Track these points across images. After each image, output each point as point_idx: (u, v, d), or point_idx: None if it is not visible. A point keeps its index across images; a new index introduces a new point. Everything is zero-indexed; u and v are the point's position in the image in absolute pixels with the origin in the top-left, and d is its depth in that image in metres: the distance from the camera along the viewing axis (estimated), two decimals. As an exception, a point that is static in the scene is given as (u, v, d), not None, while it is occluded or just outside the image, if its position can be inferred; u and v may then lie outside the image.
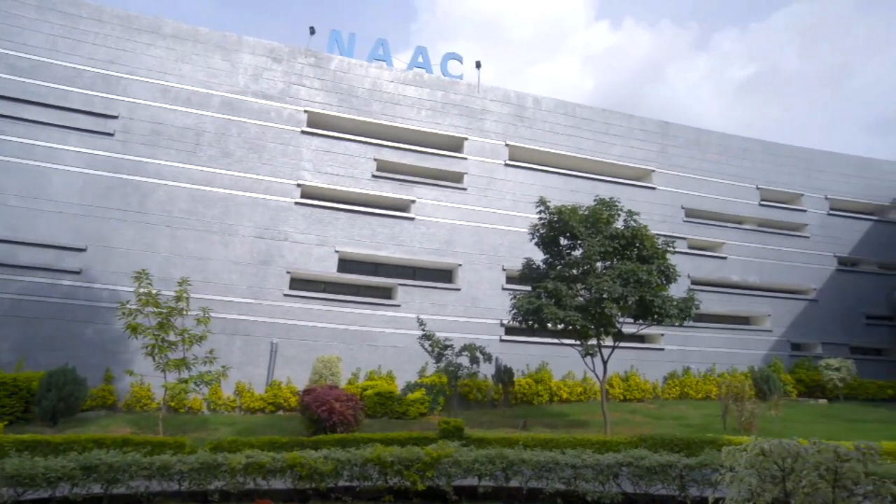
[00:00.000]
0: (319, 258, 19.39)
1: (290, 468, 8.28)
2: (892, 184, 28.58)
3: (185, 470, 8.11)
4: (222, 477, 8.18)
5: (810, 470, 6.11)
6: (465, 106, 22.87)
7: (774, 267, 25.39)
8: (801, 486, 6.08)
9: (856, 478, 6.17)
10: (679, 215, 24.52)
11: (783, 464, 6.26)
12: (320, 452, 8.54)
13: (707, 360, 22.53)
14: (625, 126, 25.15)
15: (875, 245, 27.42)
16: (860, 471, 6.16)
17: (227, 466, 8.16)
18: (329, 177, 20.24)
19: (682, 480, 8.13)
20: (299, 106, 20.57)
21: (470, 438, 10.52)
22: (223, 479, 8.18)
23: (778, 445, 6.34)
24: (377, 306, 19.48)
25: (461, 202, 21.60)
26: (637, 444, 10.31)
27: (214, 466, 8.17)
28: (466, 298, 20.52)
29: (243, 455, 8.35)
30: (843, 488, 6.22)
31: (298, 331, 18.32)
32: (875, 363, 24.98)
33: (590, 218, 14.35)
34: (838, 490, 6.19)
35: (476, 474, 8.47)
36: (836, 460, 6.13)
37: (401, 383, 18.19)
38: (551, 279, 14.14)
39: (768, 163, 26.90)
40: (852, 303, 25.90)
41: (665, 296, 13.66)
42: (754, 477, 6.23)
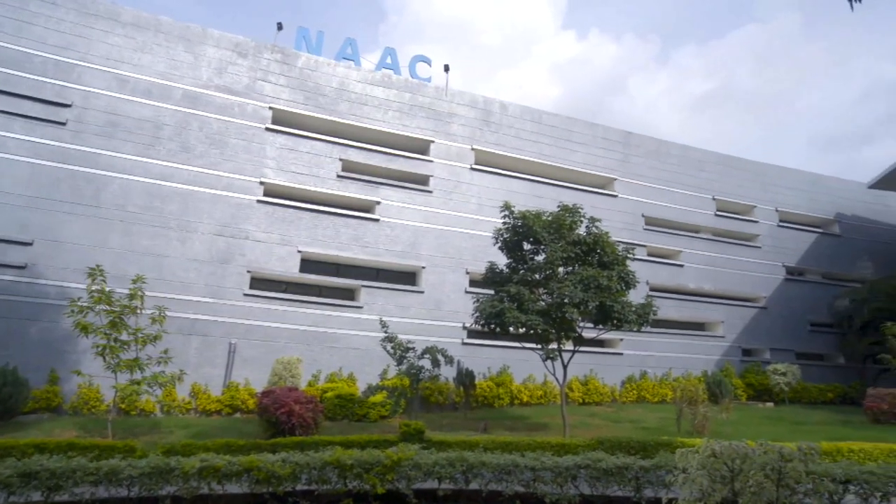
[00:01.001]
0: (281, 258, 19.06)
1: (246, 472, 8.07)
2: (836, 199, 30.12)
3: (135, 475, 7.79)
4: (175, 482, 7.90)
5: (757, 470, 6.41)
6: (432, 109, 22.90)
7: (728, 275, 26.34)
8: (748, 485, 6.36)
9: (798, 477, 6.51)
10: (639, 223, 25.17)
11: (732, 464, 6.52)
12: (278, 455, 8.37)
13: (663, 364, 23.19)
14: (588, 134, 25.67)
15: (820, 256, 28.82)
16: (802, 470, 6.51)
17: (180, 471, 7.88)
18: (293, 175, 19.92)
19: (638, 482, 8.33)
20: (264, 102, 20.19)
21: (431, 441, 10.52)
22: (176, 484, 7.91)
23: (728, 447, 6.61)
24: (339, 308, 19.27)
25: (426, 205, 21.61)
26: (595, 446, 10.51)
27: (167, 471, 7.88)
28: (430, 301, 20.53)
29: (197, 459, 8.09)
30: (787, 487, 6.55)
31: (258, 331, 17.94)
32: (818, 368, 26.21)
33: (553, 224, 14.57)
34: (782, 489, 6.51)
35: (436, 477, 8.47)
36: (781, 460, 6.46)
37: (362, 386, 18.04)
38: (514, 283, 14.30)
39: (724, 175, 27.93)
40: (798, 311, 27.12)
41: (624, 301, 13.99)
42: (705, 477, 6.47)
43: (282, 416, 12.54)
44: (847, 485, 7.55)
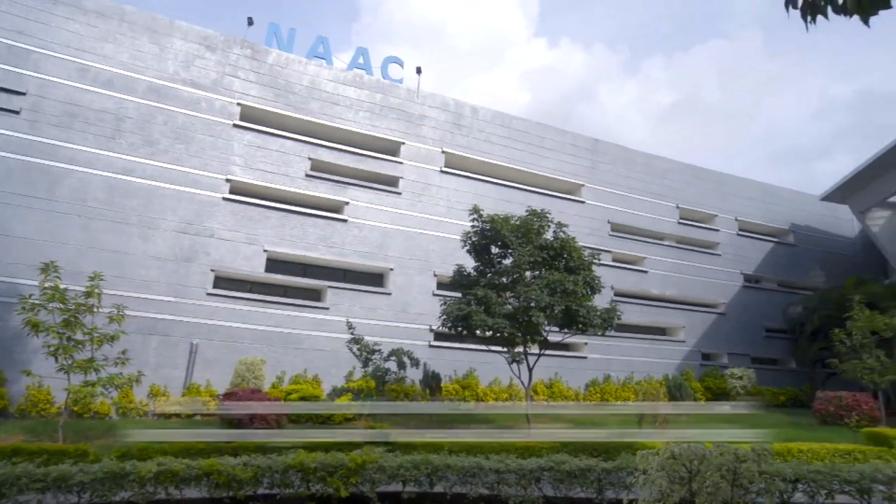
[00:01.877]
0: (247, 257, 18.71)
1: (206, 475, 7.90)
2: (791, 210, 31.36)
3: (86, 480, 7.50)
4: (130, 487, 7.67)
5: (713, 471, 6.64)
6: (403, 110, 22.88)
7: (689, 282, 27.10)
8: (705, 486, 6.58)
9: (751, 477, 6.78)
10: (605, 229, 25.67)
11: (690, 466, 6.74)
12: (240, 459, 8.22)
13: (626, 368, 23.67)
14: (558, 141, 26.06)
15: (775, 265, 29.93)
16: (755, 470, 6.79)
17: (135, 475, 7.64)
18: (261, 173, 19.60)
19: (600, 483, 8.50)
20: (232, 98, 19.81)
21: (396, 444, 10.49)
22: (131, 490, 7.67)
23: (686, 449, 6.82)
24: (305, 308, 19.04)
25: (395, 206, 21.56)
26: (559, 449, 10.65)
27: (121, 475, 7.64)
28: (397, 303, 20.47)
29: (154, 463, 7.88)
30: (741, 486, 6.81)
31: (221, 332, 17.57)
32: (772, 372, 27.19)
33: (521, 228, 14.75)
34: (736, 488, 6.76)
35: (401, 480, 8.46)
36: (736, 461, 6.71)
37: (327, 387, 17.86)
38: (481, 286, 14.40)
39: (687, 184, 28.75)
40: (754, 317, 28.09)
41: (589, 306, 14.25)
42: (664, 478, 6.66)
43: (244, 417, 12.32)
44: (796, 483, 7.92)
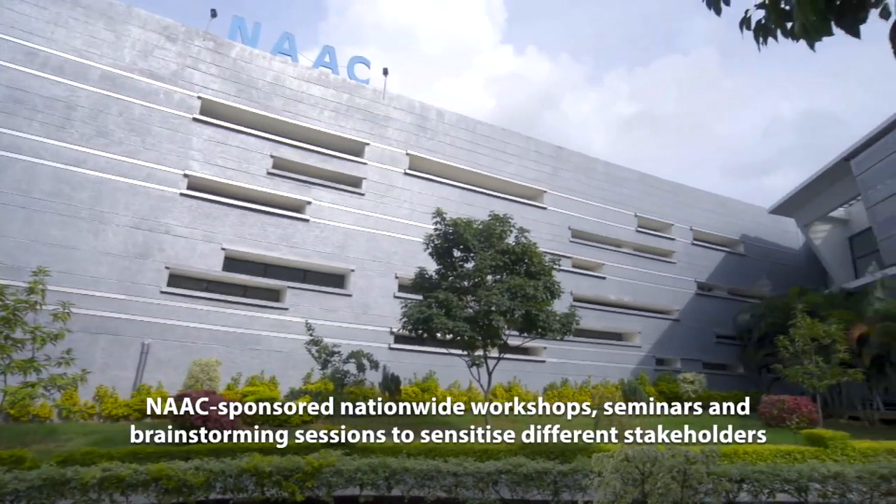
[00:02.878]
0: (204, 255, 18.20)
1: (154, 481, 7.63)
2: (742, 221, 32.69)
3: (21, 489, 7.09)
4: (71, 494, 7.31)
5: (665, 473, 6.87)
6: (368, 111, 22.75)
7: (646, 288, 27.86)
8: (656, 487, 6.81)
9: (700, 478, 7.07)
10: (566, 235, 26.14)
11: (643, 468, 6.95)
12: (191, 463, 7.98)
13: (583, 372, 24.12)
14: (521, 147, 26.41)
15: (726, 274, 31.12)
16: (704, 471, 7.07)
17: (77, 482, 7.29)
18: (221, 169, 19.12)
19: (556, 486, 8.63)
20: (193, 91, 19.26)
21: (354, 447, 10.41)
22: (72, 497, 7.32)
23: (640, 451, 7.04)
24: (264, 309, 18.65)
25: (358, 207, 21.39)
26: (516, 451, 10.78)
27: (61, 482, 7.28)
28: (357, 305, 20.30)
29: (99, 468, 7.54)
30: (690, 487, 7.08)
31: (175, 331, 17.02)
32: (721, 377, 28.22)
33: (483, 232, 14.85)
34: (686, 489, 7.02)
35: (358, 484, 8.39)
36: (686, 463, 6.97)
37: (284, 389, 17.51)
38: (443, 289, 14.43)
39: (645, 193, 29.59)
40: (706, 323, 29.12)
41: (549, 311, 14.46)
42: (618, 480, 6.85)
43: (197, 420, 11.94)
44: (741, 483, 8.28)
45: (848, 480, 8.43)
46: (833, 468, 8.60)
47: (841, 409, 24.04)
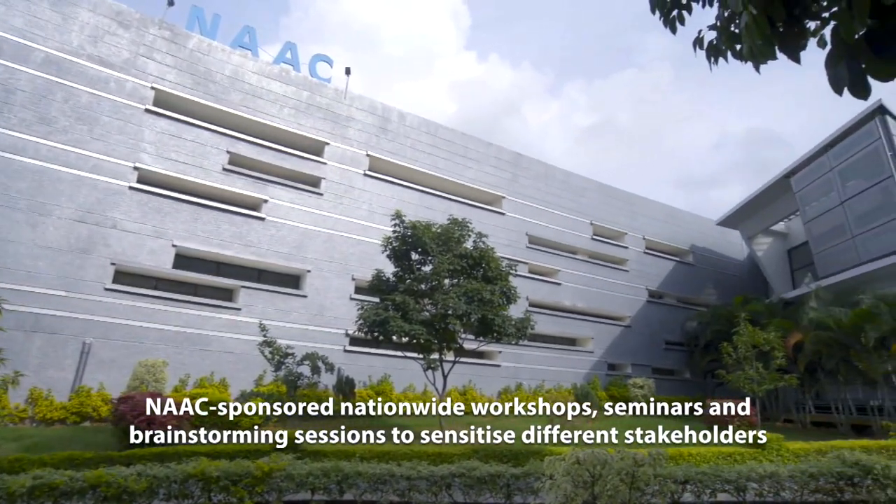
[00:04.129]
0: (153, 251, 17.52)
1: (92, 488, 7.26)
2: (691, 232, 33.99)
3: (-62, 500, 6.67)
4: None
5: (614, 475, 7.06)
6: (330, 110, 22.47)
7: (599, 295, 28.54)
8: (605, 489, 6.98)
9: (647, 480, 7.30)
10: (523, 241, 26.51)
11: (593, 470, 7.12)
12: (133, 469, 7.65)
13: (537, 376, 24.48)
14: (482, 152, 26.65)
15: (676, 282, 32.26)
16: (651, 473, 7.31)
17: (3, 491, 6.86)
18: (173, 164, 18.47)
19: (509, 489, 8.72)
20: (146, 81, 18.54)
21: (305, 451, 10.23)
22: (-1, 506, 6.92)
23: (590, 455, 7.21)
24: (216, 309, 18.11)
25: (316, 207, 21.07)
26: (470, 455, 10.84)
27: (-12, 490, 6.87)
28: (313, 306, 19.98)
29: (29, 476, 7.13)
30: (637, 489, 7.30)
31: (120, 331, 16.30)
32: (669, 382, 29.20)
33: (442, 236, 14.90)
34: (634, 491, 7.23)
35: (309, 488, 8.25)
36: (634, 465, 7.18)
37: (235, 392, 17.04)
38: (400, 292, 14.39)
39: (601, 202, 30.35)
40: (656, 330, 30.09)
41: (505, 315, 14.62)
42: (569, 483, 6.99)
43: (141, 424, 11.47)
44: (685, 484, 8.60)
45: (782, 479, 8.92)
46: (769, 468, 9.07)
47: (777, 413, 25.28)
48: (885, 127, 22.46)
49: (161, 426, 11.62)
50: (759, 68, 2.90)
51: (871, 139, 23.04)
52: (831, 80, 2.21)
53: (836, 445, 12.51)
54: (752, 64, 2.82)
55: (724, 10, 3.48)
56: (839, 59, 2.17)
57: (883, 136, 22.47)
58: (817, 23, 2.64)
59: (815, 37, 2.67)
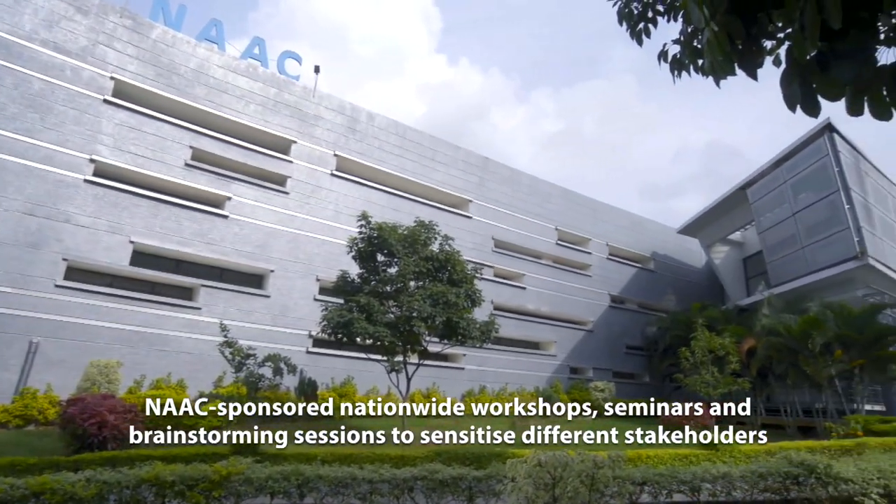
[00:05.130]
0: (109, 247, 16.89)
1: (35, 496, 6.87)
2: (653, 239, 34.88)
3: None
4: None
5: (574, 477, 7.18)
6: (297, 108, 22.16)
7: (563, 300, 28.97)
8: (566, 491, 7.09)
9: (606, 481, 7.45)
10: (489, 245, 26.69)
11: (554, 472, 7.21)
12: (81, 475, 7.31)
13: (501, 380, 24.65)
14: (450, 155, 26.74)
15: (637, 288, 33.03)
16: (610, 475, 7.46)
17: (-69, 503, 6.47)
18: (133, 157, 17.87)
19: (471, 492, 8.75)
20: (105, 71, 17.89)
21: (266, 454, 10.04)
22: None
23: (552, 457, 7.30)
24: (175, 308, 17.58)
25: (282, 206, 20.74)
26: (433, 458, 10.82)
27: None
28: (276, 306, 19.63)
29: (-36, 484, 6.74)
30: (597, 491, 7.44)
31: (71, 329, 15.63)
32: (629, 385, 29.83)
33: (408, 238, 14.87)
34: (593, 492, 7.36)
35: (269, 492, 8.09)
36: (594, 468, 7.32)
37: (193, 393, 16.56)
38: (365, 294, 14.30)
39: (566, 208, 30.84)
40: (617, 335, 30.73)
41: (469, 318, 14.69)
42: (530, 485, 7.07)
43: (91, 427, 11.02)
44: (643, 486, 8.82)
45: (734, 480, 9.25)
46: (722, 469, 9.39)
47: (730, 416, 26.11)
48: (833, 144, 23.63)
49: (113, 429, 11.21)
50: (720, 83, 3.02)
51: (820, 155, 24.18)
52: (785, 97, 2.32)
53: (784, 446, 13.03)
54: (713, 79, 2.93)
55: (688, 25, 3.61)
56: (793, 77, 2.28)
57: (831, 152, 23.63)
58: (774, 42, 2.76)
59: (772, 55, 2.80)
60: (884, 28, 2.27)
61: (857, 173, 24.22)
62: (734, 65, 2.57)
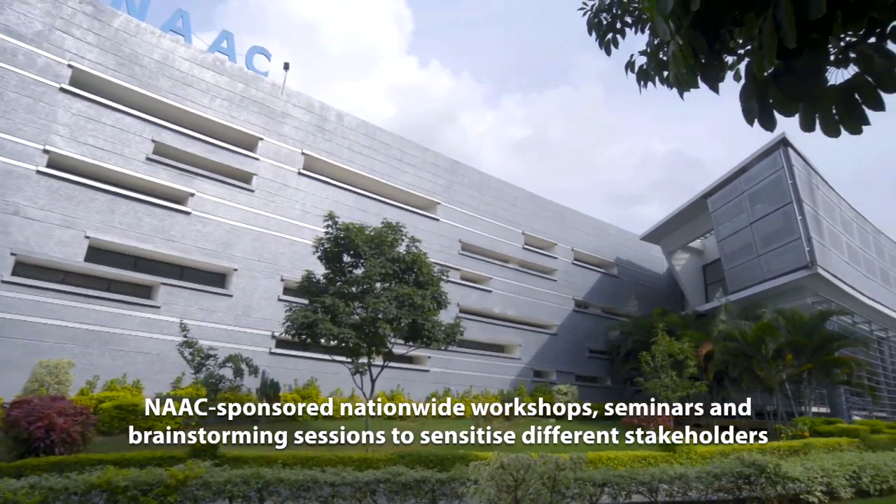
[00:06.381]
0: (63, 242, 16.21)
1: (-26, 503, 6.59)
2: (616, 245, 35.61)
3: None
4: None
5: (536, 479, 7.26)
6: (265, 105, 21.78)
7: (529, 303, 29.27)
8: (528, 493, 7.17)
9: (567, 483, 7.57)
10: (456, 248, 26.77)
11: (517, 475, 7.28)
12: (25, 481, 7.00)
13: (466, 382, 24.71)
14: (419, 157, 26.72)
15: (601, 293, 33.65)
16: (571, 477, 7.58)
17: None
18: (90, 149, 17.22)
19: (434, 494, 8.75)
20: (62, 58, 17.19)
21: (225, 457, 9.80)
22: None
23: (514, 459, 7.37)
24: (132, 306, 17.01)
25: (247, 204, 20.32)
26: (396, 460, 10.76)
27: None
28: (239, 306, 19.22)
29: None
30: (559, 492, 7.54)
31: (18, 328, 14.92)
32: (592, 389, 30.34)
33: (375, 239, 14.78)
34: (555, 494, 7.46)
35: (227, 496, 7.90)
36: (556, 469, 7.42)
37: (150, 395, 16.02)
38: (330, 295, 14.15)
39: (533, 213, 31.19)
40: (581, 338, 31.21)
41: (435, 321, 14.69)
42: (493, 487, 7.12)
43: (38, 431, 10.54)
44: (604, 487, 9.01)
45: (689, 480, 9.55)
46: (678, 470, 9.67)
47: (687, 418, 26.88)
48: (788, 158, 24.65)
49: (62, 432, 10.76)
50: (683, 95, 3.11)
51: (775, 168, 25.19)
52: (744, 111, 2.41)
53: (737, 448, 13.48)
54: (677, 90, 3.02)
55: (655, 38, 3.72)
56: (751, 92, 2.37)
57: (785, 165, 24.65)
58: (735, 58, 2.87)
59: (732, 70, 2.90)
60: (834, 50, 2.38)
61: (808, 186, 25.32)
62: (697, 78, 2.66)
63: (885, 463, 11.68)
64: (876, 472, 11.27)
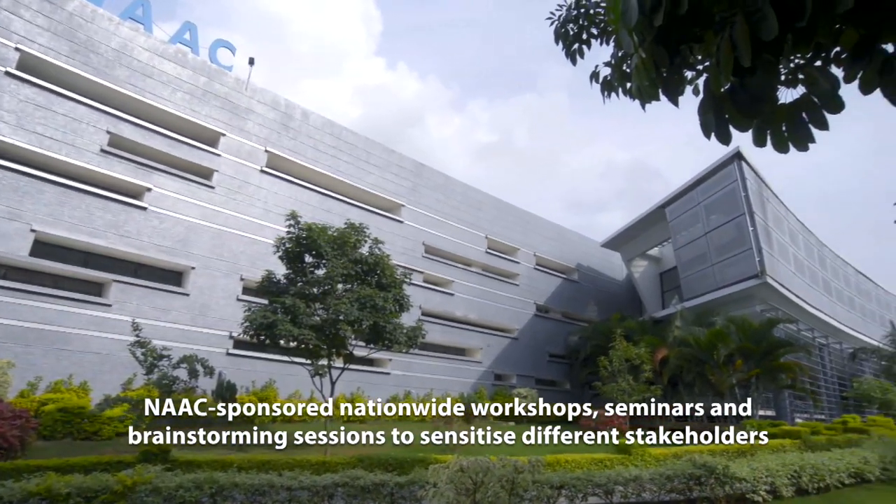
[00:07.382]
0: (6, 235, 15.40)
1: None
2: (578, 252, 36.29)
3: None
4: None
5: (495, 482, 7.31)
6: (228, 100, 21.28)
7: (491, 307, 29.48)
8: (487, 496, 7.21)
9: (526, 485, 7.66)
10: (419, 250, 26.75)
11: (476, 477, 7.31)
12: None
13: (426, 385, 24.68)
14: (384, 159, 26.61)
15: (562, 298, 34.20)
16: (529, 479, 7.68)
17: None
18: (39, 138, 16.44)
19: (393, 498, 8.70)
20: (9, 40, 16.37)
21: (177, 461, 9.48)
22: None
23: (473, 462, 7.40)
24: (80, 304, 16.30)
25: (206, 201, 19.80)
26: (355, 464, 10.65)
27: None
28: (196, 305, 18.68)
29: None
30: (517, 495, 7.62)
31: (-47, 324, 14.11)
32: (551, 392, 30.75)
33: (338, 240, 14.62)
34: (513, 497, 7.53)
35: (179, 502, 7.65)
36: (514, 472, 7.49)
37: (98, 396, 15.36)
38: (291, 295, 13.92)
39: (497, 218, 31.48)
40: (541, 343, 31.63)
41: (397, 323, 14.62)
42: (452, 490, 7.12)
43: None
44: (561, 489, 9.16)
45: (644, 482, 9.82)
46: (633, 472, 9.93)
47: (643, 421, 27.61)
48: (741, 171, 25.69)
49: (1, 435, 10.21)
50: (645, 106, 3.22)
51: (729, 180, 26.22)
52: (702, 124, 2.52)
53: (689, 450, 13.92)
54: (640, 102, 3.12)
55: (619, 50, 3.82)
56: (708, 107, 2.47)
57: (739, 178, 25.69)
58: (694, 73, 2.99)
59: (692, 85, 3.02)
60: (784, 71, 2.51)
61: (760, 199, 26.43)
62: (658, 90, 2.76)
63: (823, 462, 12.33)
64: (815, 471, 11.88)
